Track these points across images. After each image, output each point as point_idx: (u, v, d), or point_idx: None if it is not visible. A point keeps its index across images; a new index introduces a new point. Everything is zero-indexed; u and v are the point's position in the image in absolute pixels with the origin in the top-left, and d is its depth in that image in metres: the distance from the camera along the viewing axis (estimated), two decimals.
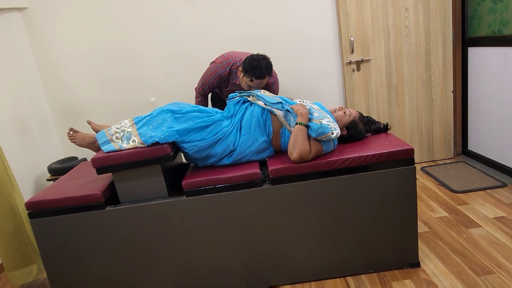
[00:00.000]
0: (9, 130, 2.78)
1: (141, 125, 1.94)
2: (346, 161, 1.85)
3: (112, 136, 1.92)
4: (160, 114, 1.95)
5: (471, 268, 1.96)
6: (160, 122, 1.92)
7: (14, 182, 2.23)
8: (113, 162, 1.86)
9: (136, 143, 1.87)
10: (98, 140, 1.92)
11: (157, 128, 1.90)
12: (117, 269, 1.98)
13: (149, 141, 1.85)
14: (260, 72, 2.32)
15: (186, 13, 3.11)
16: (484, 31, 2.97)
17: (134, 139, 1.89)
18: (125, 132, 1.92)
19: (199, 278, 2.00)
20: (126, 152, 1.85)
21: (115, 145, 1.90)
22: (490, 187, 2.77)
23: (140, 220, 1.90)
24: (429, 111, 3.33)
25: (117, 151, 1.87)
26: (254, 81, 2.35)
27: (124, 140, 1.90)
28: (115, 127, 1.96)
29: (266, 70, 2.34)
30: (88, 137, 2.00)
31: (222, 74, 2.58)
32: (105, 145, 1.90)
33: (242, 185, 1.88)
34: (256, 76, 2.33)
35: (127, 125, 1.96)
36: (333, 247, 1.97)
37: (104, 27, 3.12)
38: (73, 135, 2.02)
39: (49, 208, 1.89)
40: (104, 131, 1.95)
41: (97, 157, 1.85)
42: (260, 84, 2.39)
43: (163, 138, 1.84)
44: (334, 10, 3.15)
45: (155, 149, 1.85)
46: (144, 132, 1.90)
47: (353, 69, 3.23)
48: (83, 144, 2.00)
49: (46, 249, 1.94)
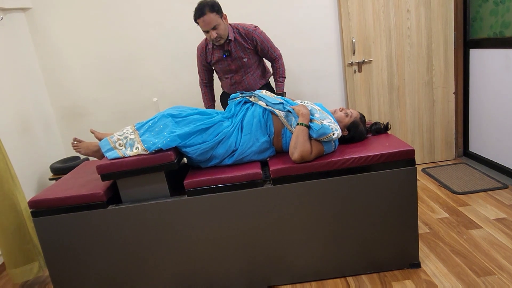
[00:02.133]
0: (12, 129, 2.80)
1: (143, 132, 1.96)
2: (347, 161, 1.86)
3: (115, 143, 1.94)
4: (161, 119, 1.96)
5: (471, 269, 1.96)
6: (162, 128, 1.93)
7: (16, 181, 2.25)
8: (117, 169, 1.87)
9: (140, 150, 1.89)
10: (101, 148, 1.94)
11: (159, 134, 1.91)
12: (118, 268, 1.99)
13: (152, 148, 1.86)
14: (197, 10, 2.35)
15: (189, 13, 3.11)
16: (486, 33, 2.97)
17: (137, 146, 1.91)
18: (128, 139, 1.95)
19: (200, 277, 2.01)
20: (130, 159, 1.87)
21: (119, 152, 1.92)
22: (491, 189, 2.77)
23: (141, 219, 1.91)
24: (430, 112, 3.34)
25: (121, 158, 1.89)
26: (199, 23, 2.37)
27: (128, 147, 1.93)
28: (118, 134, 1.98)
29: (201, 5, 2.34)
30: (92, 145, 2.02)
31: (201, 53, 2.65)
32: (109, 152, 1.93)
33: (243, 185, 1.88)
34: (197, 17, 2.36)
35: (129, 131, 1.98)
36: (334, 247, 1.98)
37: (107, 27, 3.13)
38: (77, 144, 2.03)
39: (52, 207, 1.90)
40: (107, 138, 1.97)
41: (102, 164, 1.87)
42: (207, 23, 2.35)
43: (165, 144, 1.86)
44: (336, 11, 3.16)
45: (159, 156, 1.86)
46: (147, 139, 1.91)
47: (355, 70, 3.24)
48: (88, 153, 2.02)
49: (48, 247, 1.95)
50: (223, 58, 2.57)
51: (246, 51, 2.58)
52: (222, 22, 2.42)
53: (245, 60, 2.60)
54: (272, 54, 2.66)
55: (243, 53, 2.57)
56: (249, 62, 2.62)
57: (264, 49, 2.61)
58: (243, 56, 2.58)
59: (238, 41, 2.54)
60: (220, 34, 2.43)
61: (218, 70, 2.71)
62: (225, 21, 2.46)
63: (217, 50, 2.58)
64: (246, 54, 2.59)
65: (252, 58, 2.63)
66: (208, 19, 2.35)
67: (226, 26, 2.46)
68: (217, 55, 2.59)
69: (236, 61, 2.60)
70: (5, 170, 2.19)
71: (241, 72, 2.64)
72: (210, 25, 2.36)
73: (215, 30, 2.40)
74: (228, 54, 2.55)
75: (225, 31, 2.45)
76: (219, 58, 2.60)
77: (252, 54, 2.61)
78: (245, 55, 2.59)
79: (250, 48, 2.58)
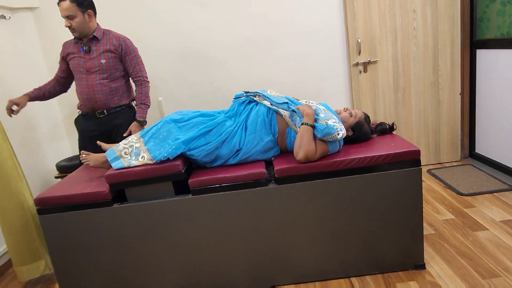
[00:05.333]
0: (18, 128, 2.83)
1: (147, 139, 1.97)
2: (351, 161, 1.86)
3: (120, 152, 1.96)
4: (164, 125, 1.97)
5: (477, 271, 1.95)
6: (166, 135, 1.94)
7: (23, 179, 2.27)
8: (126, 178, 1.89)
9: (146, 159, 1.91)
10: (107, 157, 1.96)
11: (164, 142, 1.92)
12: (123, 265, 2.00)
13: (158, 157, 1.88)
14: None
15: (194, 13, 3.13)
16: (493, 33, 2.95)
17: (143, 155, 1.93)
18: (133, 148, 1.96)
19: (203, 276, 2.02)
20: (139, 168, 1.89)
21: (124, 161, 1.93)
22: (497, 190, 2.75)
23: (146, 217, 1.92)
24: (436, 113, 3.32)
25: (126, 168, 1.91)
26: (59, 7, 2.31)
27: (133, 155, 1.95)
28: (123, 143, 2.00)
29: None
30: (100, 157, 2.03)
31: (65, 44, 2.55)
32: (115, 161, 1.94)
33: (247, 184, 1.89)
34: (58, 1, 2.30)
35: (134, 139, 2.00)
36: (338, 247, 1.98)
37: (112, 27, 3.14)
38: (86, 157, 2.05)
39: (58, 205, 1.91)
40: (113, 148, 1.99)
41: (111, 174, 1.89)
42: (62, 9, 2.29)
43: (171, 153, 1.87)
44: (341, 11, 3.16)
45: (167, 166, 1.88)
46: (153, 148, 1.93)
47: (360, 70, 3.23)
48: (97, 164, 2.04)
49: (54, 245, 1.97)
50: (80, 51, 2.45)
51: (108, 53, 2.45)
52: (81, 16, 2.34)
53: (103, 61, 2.45)
54: (138, 73, 2.52)
55: (103, 54, 2.45)
56: (107, 65, 2.46)
57: (131, 61, 2.49)
58: (102, 57, 2.45)
59: (102, 42, 2.46)
60: (74, 27, 2.34)
61: (72, 67, 2.51)
62: (87, 18, 2.37)
63: (77, 44, 2.47)
64: (106, 57, 2.45)
65: (112, 65, 2.47)
66: (65, 6, 2.28)
67: (86, 22, 2.38)
68: (76, 49, 2.47)
69: (93, 61, 2.44)
70: (12, 168, 2.21)
71: (97, 75, 2.45)
72: (65, 12, 2.30)
73: (71, 20, 2.32)
74: (87, 50, 2.44)
75: (81, 26, 2.36)
76: (77, 52, 2.46)
77: (114, 60, 2.47)
78: (105, 58, 2.45)
79: (114, 52, 2.47)
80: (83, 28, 2.39)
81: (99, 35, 2.46)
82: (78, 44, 2.47)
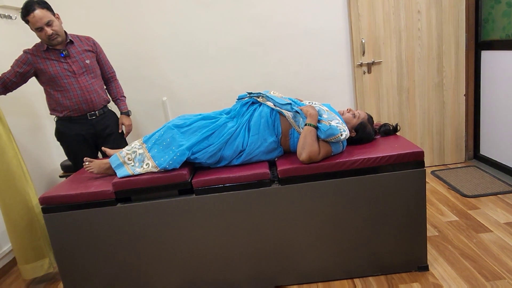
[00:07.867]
0: (24, 127, 2.85)
1: (151, 146, 1.97)
2: (355, 162, 1.85)
3: (124, 158, 1.97)
4: (167, 131, 1.97)
5: (480, 273, 1.94)
6: (169, 141, 1.94)
7: (28, 178, 2.29)
8: (132, 186, 1.90)
9: (150, 167, 1.92)
10: (111, 163, 1.97)
11: (168, 148, 1.93)
12: (126, 264, 2.01)
13: (163, 165, 1.89)
14: (25, 7, 2.22)
15: (199, 14, 3.14)
16: (498, 35, 2.94)
17: (148, 162, 1.93)
18: (137, 154, 1.97)
19: (207, 276, 2.02)
20: (146, 177, 1.90)
21: (128, 168, 1.94)
22: (502, 192, 2.74)
23: (150, 217, 1.93)
24: (440, 114, 3.31)
25: (131, 176, 1.92)
26: (30, 20, 2.23)
27: (136, 162, 1.95)
28: (126, 149, 2.01)
29: (28, 3, 2.22)
30: (103, 163, 2.04)
31: (29, 56, 2.38)
32: (119, 168, 1.95)
33: (251, 185, 1.89)
34: (26, 14, 2.22)
35: (137, 146, 2.01)
36: (341, 248, 1.98)
37: (117, 27, 3.17)
38: (89, 165, 2.05)
39: (62, 204, 1.93)
40: (116, 154, 1.99)
41: (117, 181, 1.90)
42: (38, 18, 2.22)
43: (176, 160, 1.88)
44: (345, 12, 3.16)
45: (174, 175, 1.89)
46: (157, 155, 1.93)
47: (364, 71, 3.23)
48: (101, 171, 2.05)
49: (58, 244, 1.98)
50: (61, 57, 2.39)
51: (88, 53, 2.47)
52: (56, 20, 2.32)
53: (87, 61, 2.46)
54: (111, 69, 2.66)
55: (84, 55, 2.46)
56: (92, 65, 2.49)
57: (104, 59, 2.59)
58: (85, 58, 2.45)
59: (76, 44, 2.45)
60: (56, 31, 2.30)
61: (55, 73, 2.38)
62: (59, 21, 2.36)
63: (52, 51, 2.38)
64: (88, 56, 2.47)
65: (95, 64, 2.52)
66: (40, 14, 2.22)
67: (61, 25, 2.37)
68: (54, 56, 2.38)
69: (78, 63, 2.43)
70: (17, 167, 2.22)
71: (85, 75, 2.46)
72: (43, 20, 2.23)
73: (50, 27, 2.27)
74: (67, 54, 2.40)
75: (60, 29, 2.34)
76: (55, 58, 2.38)
77: (94, 59, 2.52)
78: (88, 57, 2.47)
79: (92, 52, 2.50)
80: (62, 32, 2.37)
81: (73, 37, 2.47)
82: (54, 50, 2.39)
